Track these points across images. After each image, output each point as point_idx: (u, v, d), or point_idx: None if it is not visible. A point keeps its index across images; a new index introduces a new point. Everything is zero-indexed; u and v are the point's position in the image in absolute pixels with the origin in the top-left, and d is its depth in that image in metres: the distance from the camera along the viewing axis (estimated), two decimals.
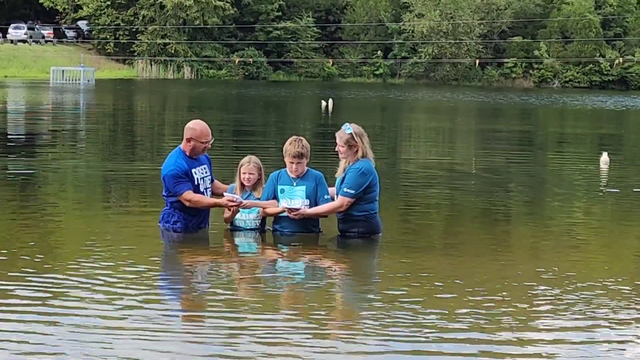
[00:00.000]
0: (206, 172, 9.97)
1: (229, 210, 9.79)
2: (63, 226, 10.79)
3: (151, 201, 12.46)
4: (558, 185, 16.45)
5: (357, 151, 9.65)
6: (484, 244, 10.03)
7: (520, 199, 14.52)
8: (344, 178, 9.63)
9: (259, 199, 9.84)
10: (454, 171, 18.72)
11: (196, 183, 9.78)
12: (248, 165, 9.87)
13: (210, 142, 9.88)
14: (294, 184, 9.71)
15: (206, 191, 9.90)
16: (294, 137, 9.76)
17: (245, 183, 9.88)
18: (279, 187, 9.74)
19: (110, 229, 10.40)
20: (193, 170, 9.75)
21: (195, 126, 9.80)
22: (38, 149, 20.42)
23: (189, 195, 9.67)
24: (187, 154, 9.79)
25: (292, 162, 9.62)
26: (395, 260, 9.11)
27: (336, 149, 9.78)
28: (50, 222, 10.86)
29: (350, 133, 9.63)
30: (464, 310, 7.17)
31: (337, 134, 9.76)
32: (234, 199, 9.63)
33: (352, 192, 9.52)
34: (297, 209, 9.55)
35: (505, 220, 12.07)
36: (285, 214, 9.69)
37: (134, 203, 12.76)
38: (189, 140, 9.75)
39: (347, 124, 9.79)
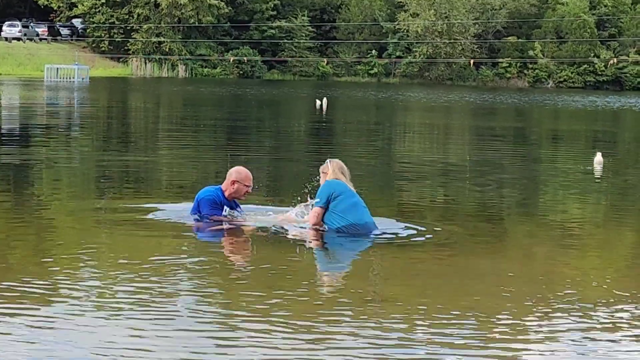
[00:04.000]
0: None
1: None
2: (55, 222, 10.74)
3: (144, 193, 12.41)
4: (552, 185, 16.44)
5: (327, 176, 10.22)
6: (478, 242, 10.00)
7: (514, 197, 14.50)
8: None
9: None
10: (447, 168, 18.69)
11: None
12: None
13: (251, 188, 10.47)
14: None
15: None
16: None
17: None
18: None
19: (103, 223, 10.35)
20: (225, 207, 10.35)
21: (241, 170, 10.47)
22: (30, 145, 20.35)
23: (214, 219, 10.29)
24: (226, 194, 10.39)
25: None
26: (388, 259, 9.08)
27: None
28: (43, 219, 10.80)
29: (326, 164, 10.31)
30: (458, 312, 7.10)
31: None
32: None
33: (318, 199, 9.98)
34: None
35: (500, 218, 12.05)
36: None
37: (127, 197, 12.67)
38: (233, 182, 10.35)
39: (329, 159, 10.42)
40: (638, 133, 36.55)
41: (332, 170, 10.16)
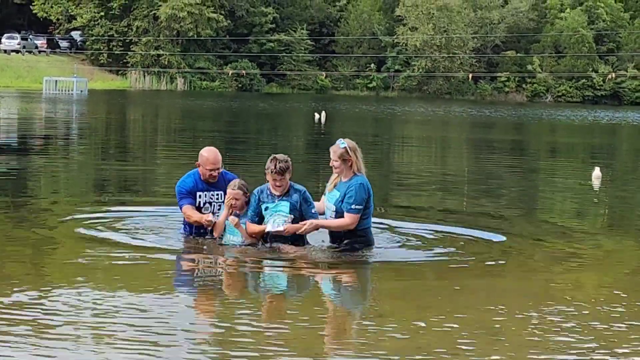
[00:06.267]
0: (218, 198, 9.88)
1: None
2: (52, 232, 10.67)
3: (140, 202, 12.36)
4: (550, 200, 16.41)
5: (351, 165, 9.55)
6: (475, 256, 9.93)
7: (511, 211, 14.45)
8: (344, 195, 9.51)
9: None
10: (445, 180, 18.67)
11: (197, 206, 9.76)
12: (232, 191, 9.61)
13: (218, 171, 9.82)
14: (276, 200, 9.47)
15: (212, 216, 9.78)
16: (273, 155, 9.54)
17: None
18: (263, 206, 9.49)
19: (99, 234, 10.29)
20: (198, 193, 9.81)
21: (204, 152, 9.87)
22: (27, 156, 20.30)
23: (184, 208, 9.75)
24: (202, 178, 9.87)
25: (275, 180, 9.40)
26: (385, 273, 9.04)
27: (330, 164, 9.67)
28: (40, 229, 10.74)
29: (345, 147, 9.55)
30: (455, 327, 7.04)
31: (331, 149, 9.66)
32: (211, 219, 9.56)
33: (360, 207, 9.43)
34: (280, 230, 9.30)
35: (497, 232, 11.96)
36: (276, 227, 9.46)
37: (123, 206, 12.61)
38: (198, 165, 9.88)
39: (342, 139, 9.74)
40: (634, 146, 36.55)
41: (355, 158, 9.50)
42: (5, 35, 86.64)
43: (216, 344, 6.43)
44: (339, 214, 9.52)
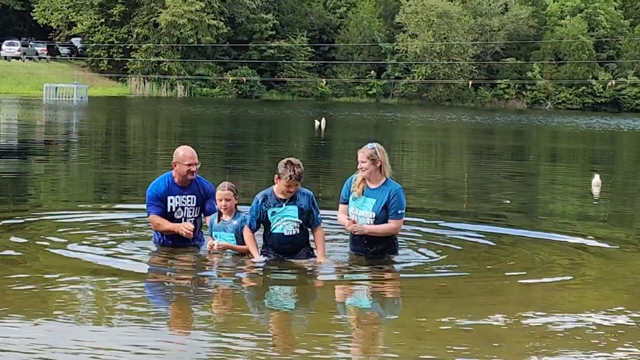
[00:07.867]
0: (190, 203, 9.78)
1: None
2: (51, 235, 10.65)
3: (138, 206, 12.35)
4: (550, 209, 16.39)
5: (380, 166, 9.58)
6: (475, 264, 9.91)
7: (511, 220, 14.43)
8: (387, 201, 9.48)
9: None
10: (445, 186, 18.65)
11: (169, 211, 9.66)
12: (222, 191, 9.42)
13: (196, 166, 9.72)
14: (283, 205, 9.23)
15: (184, 221, 9.67)
16: (287, 159, 9.27)
17: (222, 210, 9.51)
18: (269, 211, 9.22)
19: (99, 238, 10.27)
20: (169, 198, 9.68)
21: (179, 150, 9.74)
22: (28, 160, 20.31)
23: (151, 217, 9.70)
24: (176, 180, 9.73)
25: (290, 186, 9.10)
26: (386, 281, 9.03)
27: (359, 167, 9.62)
28: (39, 233, 10.71)
29: (374, 148, 9.64)
30: (456, 337, 7.00)
31: (359, 151, 9.65)
32: (190, 229, 9.46)
33: (403, 212, 9.61)
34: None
35: (498, 239, 11.95)
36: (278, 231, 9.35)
37: (121, 210, 12.60)
38: (174, 165, 9.71)
39: (370, 142, 9.79)
40: (634, 152, 36.57)
41: (384, 160, 9.56)
42: (5, 41, 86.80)
43: (225, 352, 6.40)
44: (379, 220, 9.54)
